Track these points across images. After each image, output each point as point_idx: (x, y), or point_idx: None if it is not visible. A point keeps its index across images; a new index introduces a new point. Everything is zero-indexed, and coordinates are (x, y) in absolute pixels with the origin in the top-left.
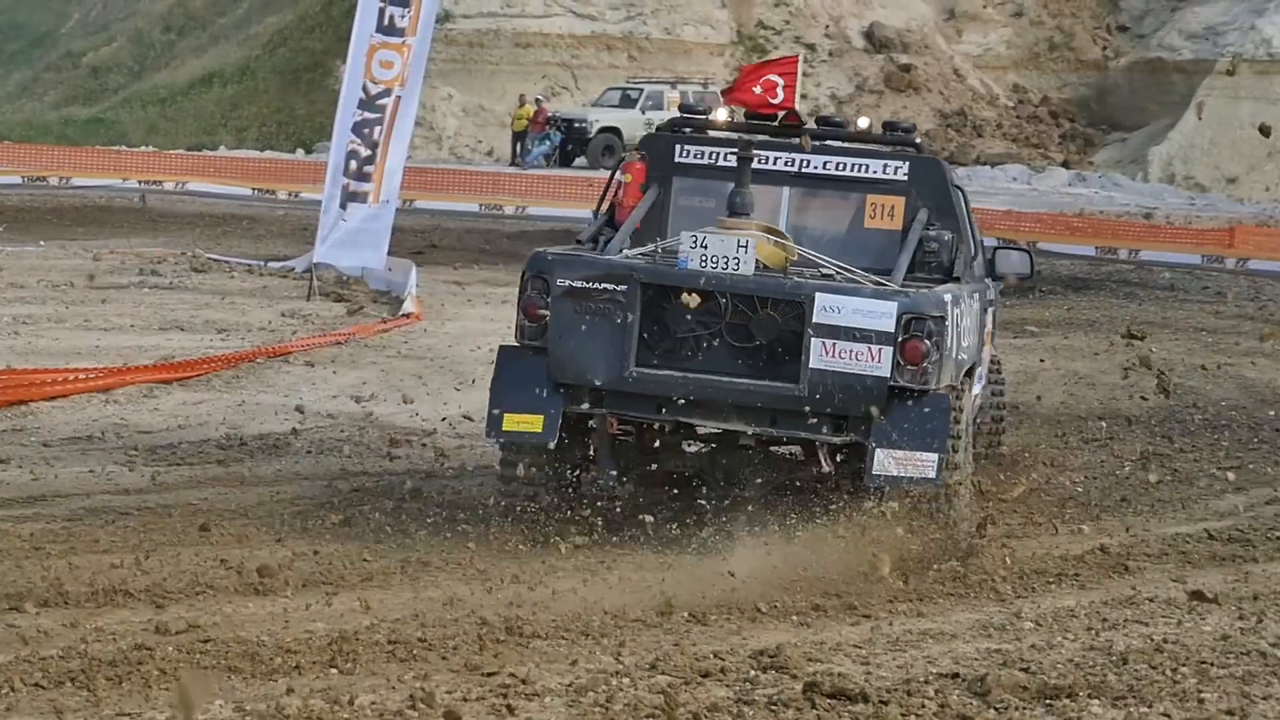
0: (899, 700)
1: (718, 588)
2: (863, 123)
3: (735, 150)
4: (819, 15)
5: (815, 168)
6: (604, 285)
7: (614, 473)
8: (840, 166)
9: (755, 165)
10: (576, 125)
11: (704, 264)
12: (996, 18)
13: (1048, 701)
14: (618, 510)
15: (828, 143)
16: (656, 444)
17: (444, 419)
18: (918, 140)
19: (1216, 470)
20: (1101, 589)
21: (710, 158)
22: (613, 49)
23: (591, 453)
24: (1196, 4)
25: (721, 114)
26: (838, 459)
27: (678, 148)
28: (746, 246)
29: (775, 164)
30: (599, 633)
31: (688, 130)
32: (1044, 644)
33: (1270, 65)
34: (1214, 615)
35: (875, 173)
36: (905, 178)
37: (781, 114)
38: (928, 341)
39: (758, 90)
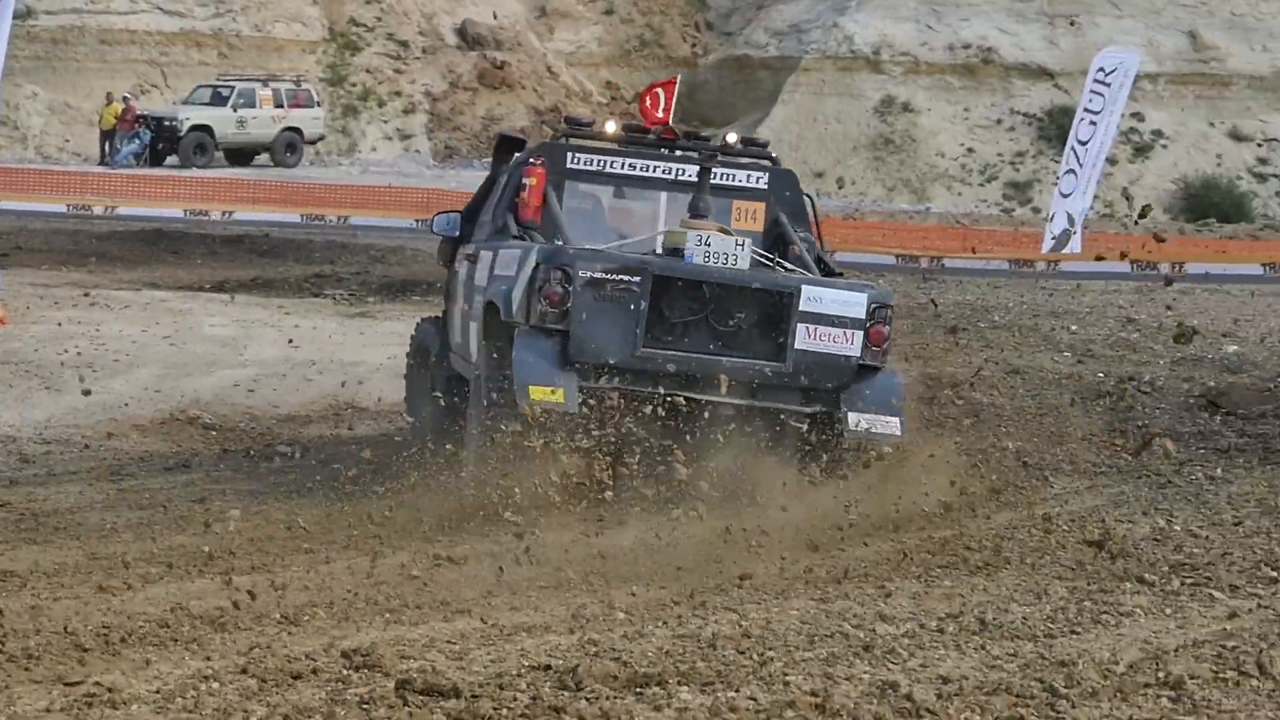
0: (491, 694)
1: (311, 587)
2: (731, 138)
3: (623, 157)
4: (411, 12)
5: (690, 175)
6: (620, 276)
7: None
8: (711, 175)
9: (636, 173)
10: (167, 123)
11: (707, 259)
12: (587, 15)
13: (638, 690)
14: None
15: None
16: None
17: (29, 424)
18: (773, 154)
19: None
20: (693, 577)
21: (598, 165)
22: (202, 46)
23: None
24: (781, 2)
25: (610, 126)
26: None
27: (569, 155)
28: (743, 245)
29: (654, 172)
30: (188, 638)
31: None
32: (635, 633)
33: (853, 62)
34: (800, 599)
35: (741, 181)
36: (765, 186)
37: (658, 128)
38: (888, 327)
39: (648, 103)
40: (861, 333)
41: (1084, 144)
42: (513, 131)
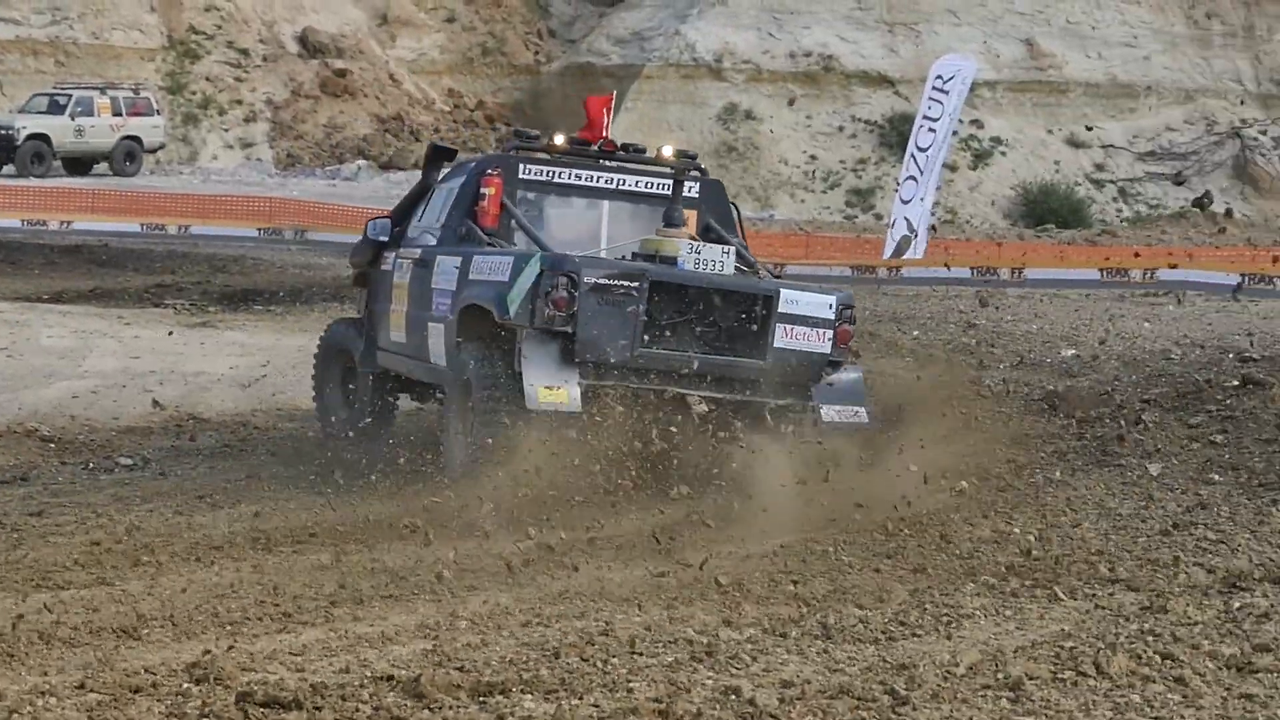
0: (333, 705)
1: (152, 599)
2: (666, 151)
3: (569, 167)
4: (251, 20)
5: (630, 186)
6: (621, 282)
7: None
8: (650, 185)
9: (582, 183)
10: (3, 132)
11: (699, 266)
12: (429, 23)
13: (481, 699)
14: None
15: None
16: None
17: None
18: (703, 166)
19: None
20: (536, 585)
21: (547, 175)
22: (39, 54)
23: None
24: (623, 9)
25: (559, 139)
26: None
27: (520, 166)
28: (728, 253)
29: (598, 181)
30: (24, 653)
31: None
32: (479, 642)
33: (695, 69)
34: (644, 606)
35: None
36: (697, 195)
37: (600, 141)
38: (852, 326)
39: (605, 117)
40: (831, 331)
41: (923, 151)
42: (444, 141)
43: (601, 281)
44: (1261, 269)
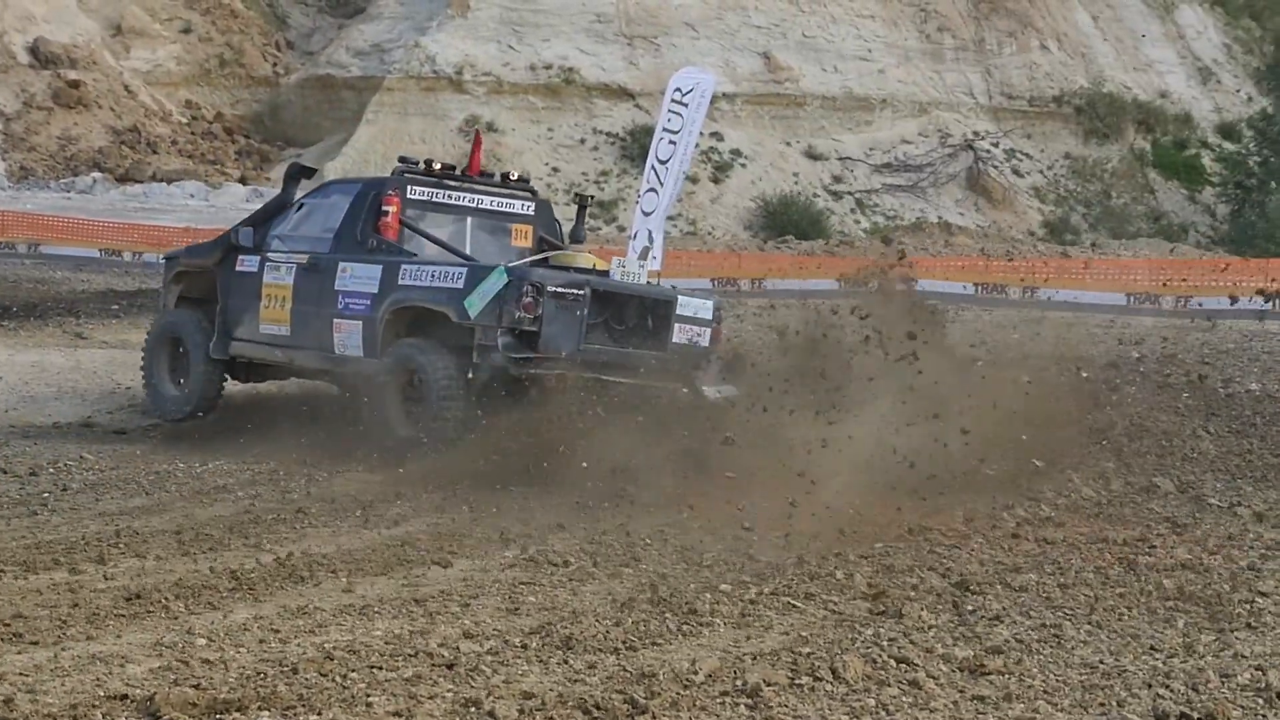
0: None
1: None
2: (514, 175)
3: (447, 188)
4: None
5: (486, 205)
6: (572, 290)
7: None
8: (499, 204)
9: (449, 201)
10: None
11: (624, 277)
12: (165, 34)
13: (218, 716)
14: None
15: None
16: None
17: None
18: (535, 189)
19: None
20: (274, 600)
21: (428, 196)
22: None
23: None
24: (362, 21)
25: (436, 165)
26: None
27: (409, 187)
28: (643, 267)
29: (462, 201)
30: None
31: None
32: (216, 659)
33: (436, 81)
34: (384, 620)
35: (518, 209)
36: (532, 213)
37: (462, 167)
38: (721, 325)
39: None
40: (709, 330)
41: (664, 163)
42: (305, 163)
43: (560, 290)
44: (995, 279)
